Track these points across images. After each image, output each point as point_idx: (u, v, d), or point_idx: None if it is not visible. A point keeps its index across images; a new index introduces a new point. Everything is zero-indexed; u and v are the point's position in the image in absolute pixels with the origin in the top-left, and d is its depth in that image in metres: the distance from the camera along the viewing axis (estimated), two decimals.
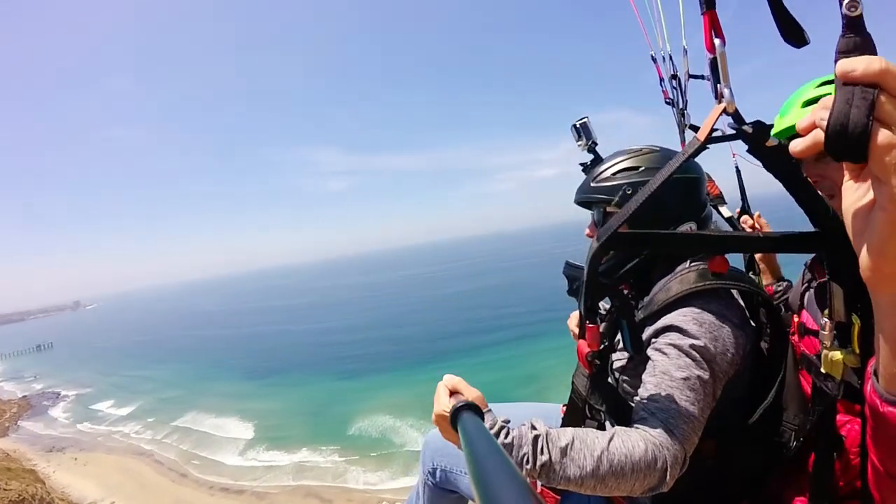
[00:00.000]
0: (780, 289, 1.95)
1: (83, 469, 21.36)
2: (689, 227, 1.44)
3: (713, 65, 0.87)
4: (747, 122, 0.88)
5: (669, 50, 2.21)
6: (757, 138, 0.87)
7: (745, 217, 2.10)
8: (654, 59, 2.30)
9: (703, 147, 0.90)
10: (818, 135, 0.56)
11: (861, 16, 0.57)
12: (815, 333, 1.23)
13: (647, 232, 1.16)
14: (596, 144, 1.60)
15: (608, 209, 1.46)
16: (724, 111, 0.86)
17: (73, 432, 27.35)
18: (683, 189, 1.46)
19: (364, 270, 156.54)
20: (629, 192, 1.39)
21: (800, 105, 1.46)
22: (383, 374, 31.89)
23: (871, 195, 0.55)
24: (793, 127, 1.38)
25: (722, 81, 0.86)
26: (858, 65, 0.52)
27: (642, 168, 1.46)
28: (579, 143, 1.61)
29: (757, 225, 2.07)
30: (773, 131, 1.41)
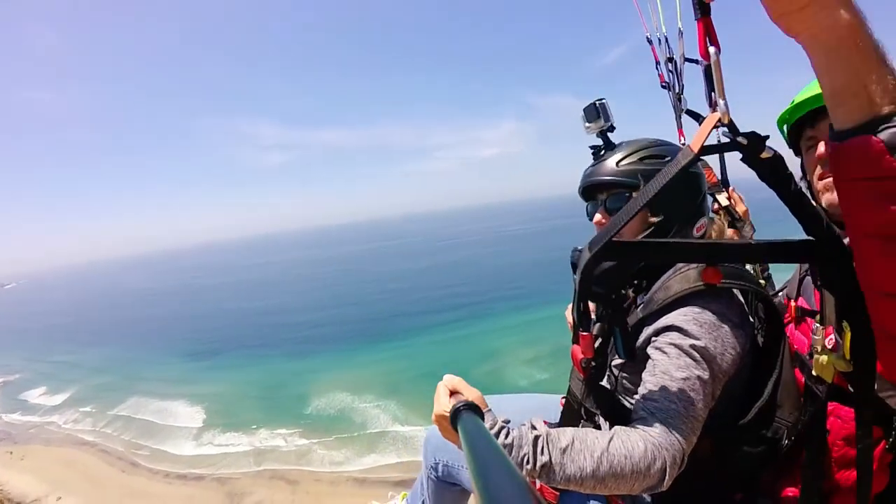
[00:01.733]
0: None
1: (21, 463, 19.80)
2: (703, 221, 1.48)
3: (707, 72, 0.89)
4: (742, 132, 0.89)
5: (665, 32, 2.20)
6: (752, 149, 0.89)
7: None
8: (649, 41, 2.29)
9: (696, 158, 0.91)
10: None
11: None
12: (812, 314, 1.34)
13: (641, 241, 1.21)
14: (613, 129, 1.55)
15: (634, 195, 1.43)
16: (719, 122, 0.88)
17: (2, 424, 25.26)
18: (697, 185, 1.50)
19: (305, 246, 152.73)
20: None
21: None
22: (334, 353, 31.36)
23: None
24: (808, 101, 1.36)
25: (716, 91, 0.87)
26: None
27: (668, 158, 1.45)
28: (591, 124, 1.53)
29: (732, 199, 2.09)
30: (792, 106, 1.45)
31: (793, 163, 1.36)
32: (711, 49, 0.86)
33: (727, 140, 0.91)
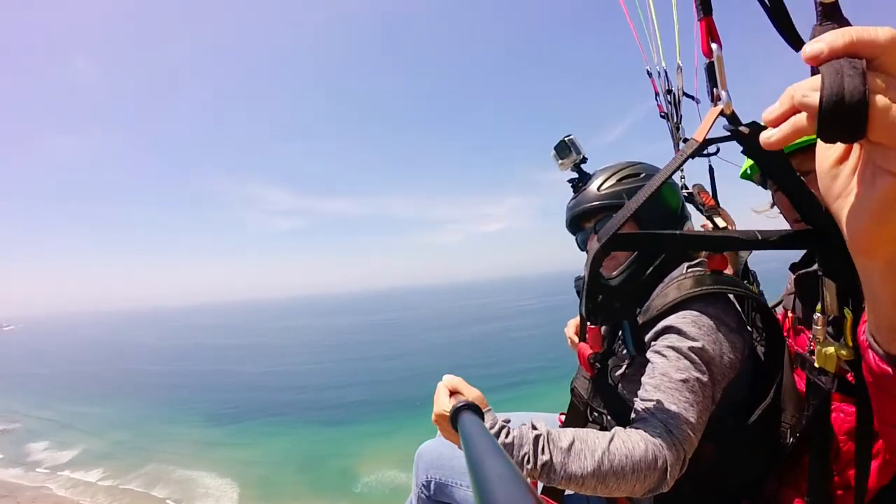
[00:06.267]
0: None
1: None
2: (688, 226, 1.59)
3: (710, 69, 0.89)
4: (743, 123, 0.89)
5: (664, 65, 2.40)
6: (753, 139, 0.88)
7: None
8: (649, 74, 2.49)
9: (702, 146, 0.92)
10: (799, 120, 0.52)
11: (837, 2, 0.56)
12: (806, 322, 1.37)
13: (647, 232, 1.18)
14: (585, 160, 1.64)
15: None
16: (722, 112, 0.88)
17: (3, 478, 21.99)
18: (678, 192, 1.62)
19: (315, 313, 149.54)
20: None
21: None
22: (370, 424, 27.94)
23: (852, 160, 0.55)
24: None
25: (719, 84, 0.88)
26: (824, 45, 0.49)
27: (643, 174, 1.56)
28: (564, 160, 1.61)
29: (702, 196, 2.24)
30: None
31: None
32: (714, 46, 0.88)
33: (728, 133, 0.92)
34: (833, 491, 1.20)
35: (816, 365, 1.08)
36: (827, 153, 0.58)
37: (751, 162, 1.84)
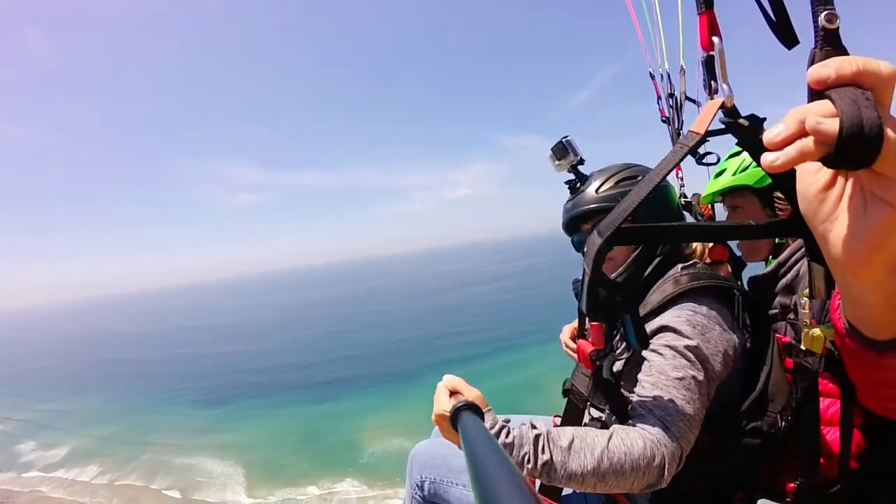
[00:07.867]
0: None
1: None
2: None
3: (709, 61, 0.90)
4: (742, 115, 0.89)
5: (668, 68, 2.34)
6: (751, 131, 0.89)
7: None
8: (651, 77, 2.45)
9: (703, 140, 0.91)
10: (806, 145, 0.51)
11: (838, 29, 0.58)
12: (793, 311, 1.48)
13: (648, 225, 1.19)
14: (583, 162, 1.66)
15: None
16: (723, 105, 0.88)
17: None
18: (675, 191, 1.68)
19: (283, 288, 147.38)
20: None
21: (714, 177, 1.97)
22: (362, 398, 27.59)
23: (838, 187, 0.57)
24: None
25: (720, 77, 0.89)
26: (832, 71, 0.50)
27: (640, 178, 1.57)
28: (561, 161, 1.63)
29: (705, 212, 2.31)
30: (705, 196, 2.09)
31: None
32: (715, 39, 0.89)
33: (724, 125, 0.93)
34: (824, 478, 1.27)
35: (803, 347, 1.14)
36: (813, 178, 0.59)
37: (713, 189, 1.95)
